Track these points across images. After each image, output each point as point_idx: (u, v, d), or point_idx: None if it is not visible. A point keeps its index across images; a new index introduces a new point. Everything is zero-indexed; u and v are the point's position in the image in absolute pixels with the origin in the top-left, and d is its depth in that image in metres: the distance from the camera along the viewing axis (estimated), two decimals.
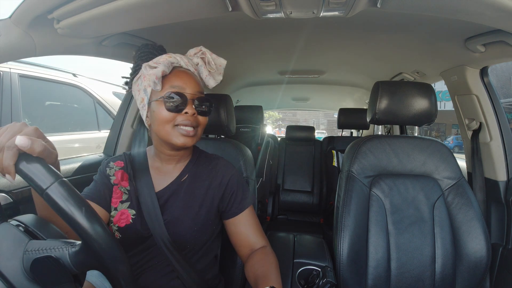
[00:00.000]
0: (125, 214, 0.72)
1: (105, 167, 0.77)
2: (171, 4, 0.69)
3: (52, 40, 0.78)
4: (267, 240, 0.80)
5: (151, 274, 0.73)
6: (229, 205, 0.77)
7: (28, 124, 0.44)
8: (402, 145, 1.02)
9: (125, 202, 0.73)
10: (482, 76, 1.12)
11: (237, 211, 0.77)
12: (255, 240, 0.77)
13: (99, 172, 0.77)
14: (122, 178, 0.75)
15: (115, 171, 0.76)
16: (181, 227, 0.71)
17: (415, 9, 0.70)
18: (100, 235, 0.38)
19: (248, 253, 0.76)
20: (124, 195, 0.74)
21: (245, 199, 0.79)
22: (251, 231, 0.77)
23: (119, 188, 0.74)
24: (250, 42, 1.25)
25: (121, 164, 0.77)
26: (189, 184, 0.76)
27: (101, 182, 0.74)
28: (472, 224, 0.92)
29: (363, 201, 0.95)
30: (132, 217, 0.71)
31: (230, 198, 0.77)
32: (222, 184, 0.77)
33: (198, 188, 0.76)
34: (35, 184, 0.38)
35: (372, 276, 0.90)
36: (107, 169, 0.76)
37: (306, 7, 0.73)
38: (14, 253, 0.41)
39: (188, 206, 0.74)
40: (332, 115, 19.79)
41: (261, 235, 0.78)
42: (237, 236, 0.78)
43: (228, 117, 1.06)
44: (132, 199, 0.73)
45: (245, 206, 0.78)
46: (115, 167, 0.76)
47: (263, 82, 2.19)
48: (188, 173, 0.77)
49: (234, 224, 0.78)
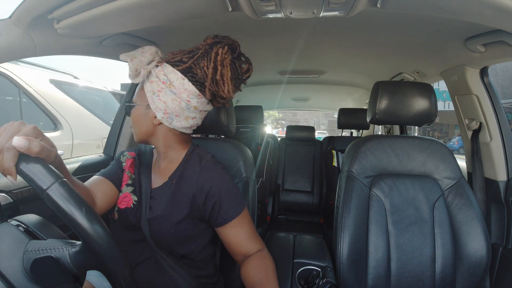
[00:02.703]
0: (128, 197, 0.77)
1: (120, 154, 0.85)
2: (171, 4, 0.69)
3: (52, 40, 0.78)
4: (263, 243, 0.77)
5: (142, 269, 0.74)
6: (213, 215, 0.73)
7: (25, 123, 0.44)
8: (402, 145, 1.02)
9: (129, 186, 0.78)
10: (482, 76, 1.12)
11: (223, 222, 0.73)
12: (249, 248, 0.74)
13: (115, 158, 0.85)
14: (130, 165, 0.82)
15: (127, 158, 0.84)
16: (159, 227, 0.72)
17: (415, 9, 0.69)
18: (100, 236, 0.39)
19: (243, 259, 0.74)
20: (130, 179, 0.80)
21: (231, 209, 0.73)
22: (243, 240, 0.74)
23: (127, 172, 0.81)
24: (250, 42, 1.25)
25: (133, 155, 0.85)
26: (175, 186, 0.75)
27: (116, 166, 0.82)
28: (472, 224, 0.92)
29: (363, 201, 0.95)
30: (133, 202, 0.76)
31: (213, 207, 0.72)
32: (203, 192, 0.72)
33: (181, 191, 0.74)
34: (36, 185, 0.38)
35: (372, 276, 0.90)
36: (121, 156, 0.85)
37: (306, 7, 0.73)
38: (14, 253, 0.41)
39: (169, 207, 0.73)
40: (332, 115, 19.80)
41: (255, 241, 0.75)
42: (229, 245, 0.75)
43: (228, 117, 1.06)
44: (136, 187, 0.78)
45: (231, 216, 0.73)
46: (128, 155, 0.84)
47: (263, 82, 2.19)
48: (177, 175, 0.76)
49: (223, 234, 0.74)
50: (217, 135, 1.15)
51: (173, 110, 0.71)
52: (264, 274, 0.68)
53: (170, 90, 0.70)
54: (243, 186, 0.96)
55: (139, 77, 0.70)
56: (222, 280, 0.87)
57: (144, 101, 0.74)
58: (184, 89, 0.70)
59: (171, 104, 0.70)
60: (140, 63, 0.70)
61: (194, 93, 0.71)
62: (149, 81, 0.72)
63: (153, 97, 0.71)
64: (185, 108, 0.72)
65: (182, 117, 0.73)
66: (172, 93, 0.70)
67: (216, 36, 0.70)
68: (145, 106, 0.74)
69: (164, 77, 0.70)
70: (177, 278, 0.74)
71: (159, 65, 0.71)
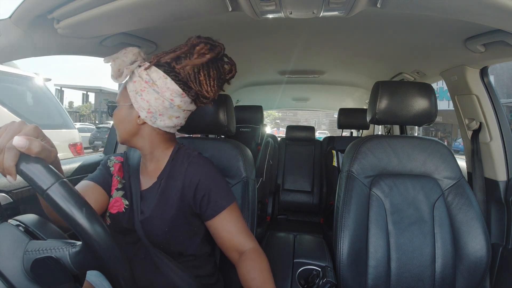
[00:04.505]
0: (119, 202, 0.77)
1: (106, 159, 0.85)
2: (171, 4, 0.69)
3: (52, 40, 0.78)
4: (255, 240, 0.76)
5: (138, 268, 0.75)
6: (203, 207, 0.74)
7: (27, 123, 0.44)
8: (402, 145, 1.02)
9: (120, 190, 0.78)
10: (482, 76, 1.12)
11: (213, 213, 0.73)
12: (240, 242, 0.73)
13: (101, 163, 0.84)
14: (119, 169, 0.82)
15: (114, 163, 0.83)
16: (153, 226, 0.73)
17: (415, 9, 0.70)
18: (100, 235, 0.39)
19: (237, 256, 0.73)
20: (119, 183, 0.79)
21: (220, 200, 0.73)
22: (234, 232, 0.73)
23: (116, 177, 0.80)
24: (250, 42, 1.25)
25: (120, 159, 0.85)
26: (164, 184, 0.76)
27: (104, 170, 0.82)
28: (472, 224, 0.92)
29: (363, 201, 0.95)
30: (125, 206, 0.76)
31: (202, 199, 0.73)
32: (192, 184, 0.73)
33: (170, 188, 0.75)
34: (36, 185, 0.38)
35: (372, 276, 0.90)
36: (108, 161, 0.84)
37: (306, 7, 0.73)
38: (14, 253, 0.41)
39: (159, 206, 0.74)
40: (332, 115, 19.75)
41: (247, 236, 0.75)
42: (219, 240, 0.74)
43: (228, 117, 1.06)
44: (126, 191, 0.79)
45: (221, 207, 0.73)
46: (115, 160, 0.84)
47: (263, 82, 2.19)
48: (165, 175, 0.77)
49: (213, 227, 0.74)
50: (217, 135, 1.15)
51: (157, 109, 0.71)
52: (262, 279, 0.68)
53: (153, 89, 0.70)
54: (243, 186, 0.96)
55: (122, 77, 0.71)
56: (222, 280, 0.87)
57: (127, 101, 0.74)
58: (166, 88, 0.70)
59: (154, 103, 0.70)
60: (123, 63, 0.70)
61: (177, 92, 0.71)
62: (132, 81, 0.72)
63: (136, 97, 0.71)
64: (169, 107, 0.72)
65: (166, 116, 0.73)
66: (155, 92, 0.70)
67: (199, 37, 0.70)
68: (128, 106, 0.74)
69: (147, 77, 0.70)
70: (174, 278, 0.74)
71: (142, 65, 0.72)
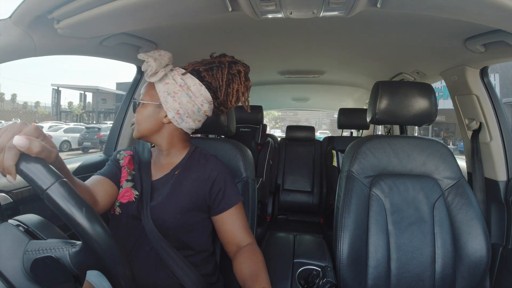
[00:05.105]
0: (129, 192, 0.79)
1: (116, 154, 0.87)
2: (171, 4, 0.70)
3: (52, 40, 0.78)
4: (253, 237, 0.82)
5: (139, 263, 0.75)
6: (216, 201, 0.79)
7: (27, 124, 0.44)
8: (402, 145, 1.02)
9: (129, 182, 0.81)
10: (482, 76, 1.12)
11: (225, 207, 0.79)
12: (242, 238, 0.79)
13: (110, 159, 0.86)
14: (129, 162, 0.85)
15: (124, 156, 0.86)
16: (165, 212, 0.76)
17: (415, 9, 0.70)
18: (100, 236, 0.39)
19: (234, 250, 0.79)
20: (129, 175, 0.82)
21: (232, 196, 0.80)
22: (238, 229, 0.80)
23: (126, 169, 0.83)
24: (250, 42, 1.25)
25: (130, 153, 0.88)
26: (179, 175, 0.81)
27: (113, 164, 0.84)
28: (472, 224, 0.92)
29: (363, 201, 0.95)
30: (135, 196, 0.78)
31: (217, 194, 0.79)
32: (210, 179, 0.79)
33: (186, 179, 0.80)
34: (36, 185, 0.38)
35: (372, 276, 0.90)
36: (117, 155, 0.87)
37: (306, 7, 0.73)
38: (14, 253, 0.41)
39: (174, 193, 0.78)
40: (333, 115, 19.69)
41: (248, 233, 0.81)
42: (224, 233, 0.80)
43: (228, 117, 1.06)
44: (136, 182, 0.81)
45: (232, 203, 0.80)
46: (125, 154, 0.87)
47: (263, 82, 2.19)
48: (181, 167, 0.82)
49: (221, 221, 0.80)
50: (217, 135, 1.15)
51: (186, 111, 0.78)
52: (256, 268, 0.72)
53: (187, 94, 0.76)
54: (243, 186, 0.96)
55: (155, 77, 0.75)
56: (222, 280, 0.88)
57: (155, 100, 0.78)
58: (200, 94, 0.77)
59: (185, 106, 0.77)
60: (160, 65, 0.75)
61: (207, 99, 0.79)
62: (164, 82, 0.76)
63: (167, 98, 0.76)
64: (196, 111, 0.79)
65: (192, 119, 0.80)
66: (188, 96, 0.77)
67: (232, 57, 0.81)
68: (156, 105, 0.78)
69: (182, 81, 0.76)
70: (177, 271, 0.74)
71: (174, 69, 0.78)
